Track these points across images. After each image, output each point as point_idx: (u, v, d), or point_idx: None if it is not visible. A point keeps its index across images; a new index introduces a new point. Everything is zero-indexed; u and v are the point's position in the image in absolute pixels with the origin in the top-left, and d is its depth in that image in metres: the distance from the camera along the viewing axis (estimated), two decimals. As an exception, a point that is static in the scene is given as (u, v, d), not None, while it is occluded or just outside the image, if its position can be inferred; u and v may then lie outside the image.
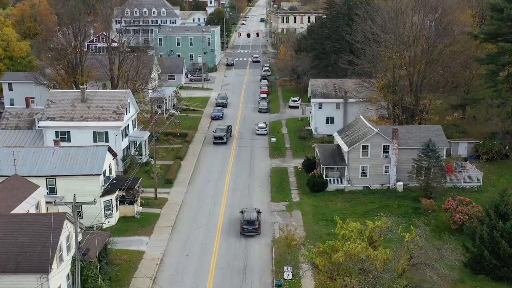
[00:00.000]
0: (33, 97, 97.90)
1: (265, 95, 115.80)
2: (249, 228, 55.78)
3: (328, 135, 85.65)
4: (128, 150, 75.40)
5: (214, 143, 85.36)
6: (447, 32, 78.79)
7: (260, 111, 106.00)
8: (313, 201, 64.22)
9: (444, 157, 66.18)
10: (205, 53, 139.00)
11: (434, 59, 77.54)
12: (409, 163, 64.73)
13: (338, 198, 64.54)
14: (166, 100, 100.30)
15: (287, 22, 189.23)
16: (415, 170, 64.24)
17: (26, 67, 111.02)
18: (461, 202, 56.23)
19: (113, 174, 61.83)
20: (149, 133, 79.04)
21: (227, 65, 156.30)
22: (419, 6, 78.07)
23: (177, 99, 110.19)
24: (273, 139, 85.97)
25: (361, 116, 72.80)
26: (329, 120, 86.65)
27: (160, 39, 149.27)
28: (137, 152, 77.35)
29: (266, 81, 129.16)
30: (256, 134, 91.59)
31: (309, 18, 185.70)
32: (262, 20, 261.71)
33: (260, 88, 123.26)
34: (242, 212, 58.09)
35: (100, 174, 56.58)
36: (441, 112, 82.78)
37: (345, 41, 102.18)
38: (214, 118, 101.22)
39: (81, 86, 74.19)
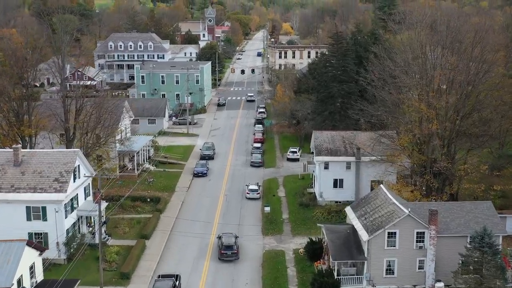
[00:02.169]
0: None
1: (259, 145, 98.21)
2: (228, 253, 55.85)
3: (336, 202, 68.23)
4: (78, 227, 57.70)
5: None
6: (489, 74, 62.05)
7: (253, 165, 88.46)
8: (321, 311, 46.17)
9: (501, 247, 48.38)
10: (190, 93, 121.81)
11: (474, 109, 60.53)
12: (452, 256, 47.03)
13: (356, 307, 46.57)
14: (139, 152, 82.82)
15: (285, 57, 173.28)
16: (460, 269, 46.50)
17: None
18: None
19: (38, 277, 43.97)
20: (107, 203, 61.60)
21: (218, 105, 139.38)
22: (455, 41, 61.03)
23: (154, 149, 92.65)
24: (267, 209, 67.73)
25: (382, 186, 55.12)
26: (338, 183, 68.87)
27: (142, 77, 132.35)
28: (90, 229, 59.56)
29: (261, 126, 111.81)
30: (247, 198, 73.90)
31: (309, 53, 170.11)
32: (259, 54, 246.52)
33: (254, 134, 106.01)
34: (219, 238, 58.50)
35: (10, 287, 38.76)
36: (479, 172, 65.22)
37: (355, 83, 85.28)
38: (197, 174, 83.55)
39: (14, 146, 56.49)
